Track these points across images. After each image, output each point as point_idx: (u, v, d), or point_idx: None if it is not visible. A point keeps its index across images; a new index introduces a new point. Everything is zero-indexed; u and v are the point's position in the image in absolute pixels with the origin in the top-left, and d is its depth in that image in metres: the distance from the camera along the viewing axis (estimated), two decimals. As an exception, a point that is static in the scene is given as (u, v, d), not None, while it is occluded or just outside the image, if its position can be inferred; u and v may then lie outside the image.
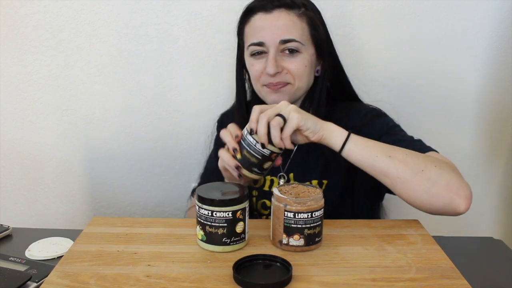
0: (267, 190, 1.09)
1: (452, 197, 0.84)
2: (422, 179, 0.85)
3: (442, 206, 0.85)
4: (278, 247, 0.80)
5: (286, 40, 0.98)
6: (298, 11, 0.99)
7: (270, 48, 0.99)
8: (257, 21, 1.00)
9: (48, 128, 1.38)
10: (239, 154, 0.86)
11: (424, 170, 0.85)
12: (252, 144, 0.85)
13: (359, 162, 0.88)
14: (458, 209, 0.84)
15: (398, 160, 0.86)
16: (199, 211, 0.79)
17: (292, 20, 0.98)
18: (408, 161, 0.86)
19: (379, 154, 0.87)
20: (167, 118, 1.37)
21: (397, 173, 0.86)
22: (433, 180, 0.85)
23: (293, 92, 1.02)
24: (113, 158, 1.40)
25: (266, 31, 0.99)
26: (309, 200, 0.78)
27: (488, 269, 0.86)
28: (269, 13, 0.99)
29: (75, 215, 1.44)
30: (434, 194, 0.85)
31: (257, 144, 0.85)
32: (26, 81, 1.34)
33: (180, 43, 1.31)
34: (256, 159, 0.86)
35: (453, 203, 0.84)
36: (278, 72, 0.99)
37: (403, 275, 0.72)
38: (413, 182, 0.85)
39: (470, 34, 1.30)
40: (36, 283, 0.77)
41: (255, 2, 1.02)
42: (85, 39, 1.31)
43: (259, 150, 0.85)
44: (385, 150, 0.87)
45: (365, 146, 0.87)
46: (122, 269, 0.74)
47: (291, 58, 0.99)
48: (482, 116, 1.37)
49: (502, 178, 1.42)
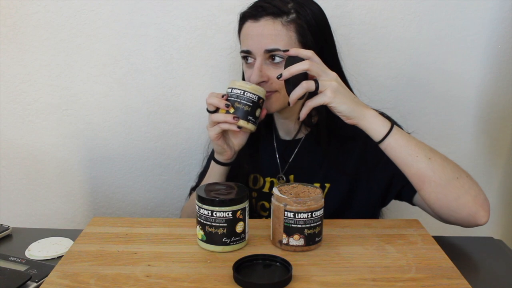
0: (266, 191, 1.09)
1: (478, 208, 0.86)
2: (456, 186, 0.86)
3: (466, 216, 0.87)
4: (278, 247, 0.80)
5: (271, 49, 0.96)
6: (286, 18, 0.96)
7: (256, 57, 0.98)
8: (246, 29, 1.00)
9: (48, 128, 1.37)
10: (232, 109, 0.91)
11: (459, 178, 0.86)
12: (240, 94, 0.91)
13: (396, 159, 0.88)
14: (480, 221, 0.87)
15: (437, 164, 0.86)
16: (199, 211, 0.79)
17: (277, 29, 0.95)
18: (445, 165, 0.87)
19: (419, 154, 0.86)
20: (167, 118, 1.37)
21: (433, 176, 0.86)
22: (465, 189, 0.86)
23: (282, 100, 0.99)
24: (113, 158, 1.40)
25: (252, 40, 0.98)
26: (309, 200, 0.78)
27: (488, 269, 0.86)
28: (256, 22, 0.97)
29: (75, 215, 1.44)
30: (463, 203, 0.86)
31: (245, 92, 0.91)
32: (26, 81, 1.34)
33: (180, 43, 1.31)
34: (248, 107, 0.91)
35: (476, 215, 0.86)
36: (264, 81, 0.97)
37: (403, 275, 0.72)
38: (446, 187, 0.86)
39: (470, 34, 1.30)
40: (36, 283, 0.77)
41: (247, 9, 1.01)
42: (85, 39, 1.31)
43: (249, 97, 0.91)
44: (426, 151, 0.87)
45: (406, 143, 0.86)
46: (122, 269, 0.74)
47: (277, 67, 0.97)
48: (482, 116, 1.37)
49: (502, 178, 1.42)
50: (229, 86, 0.93)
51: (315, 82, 0.83)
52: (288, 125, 1.08)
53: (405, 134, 0.87)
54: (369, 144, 0.99)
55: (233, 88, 0.92)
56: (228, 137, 0.98)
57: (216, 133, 0.94)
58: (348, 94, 0.86)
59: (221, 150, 0.98)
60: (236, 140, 0.98)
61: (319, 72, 0.84)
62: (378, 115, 0.87)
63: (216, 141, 0.96)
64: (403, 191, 0.99)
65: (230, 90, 0.92)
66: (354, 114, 0.85)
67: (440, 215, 0.90)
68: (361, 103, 0.87)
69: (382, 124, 0.86)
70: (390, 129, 0.86)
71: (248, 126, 0.92)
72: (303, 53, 0.85)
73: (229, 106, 0.91)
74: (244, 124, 0.91)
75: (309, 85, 0.82)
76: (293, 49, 0.87)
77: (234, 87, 0.92)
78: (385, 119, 0.87)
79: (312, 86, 0.82)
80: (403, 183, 0.96)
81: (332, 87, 0.83)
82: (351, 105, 0.85)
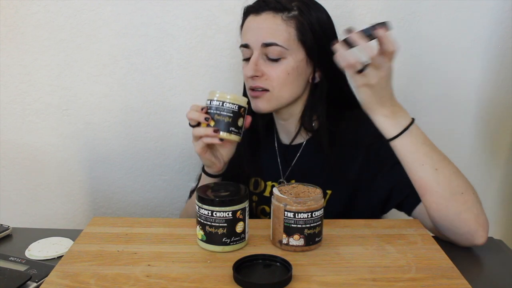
0: (267, 196, 1.08)
1: (478, 228, 0.85)
2: (459, 201, 0.85)
3: (465, 233, 0.86)
4: (278, 247, 0.80)
5: (268, 43, 0.95)
6: (287, 14, 0.95)
7: (254, 51, 0.97)
8: (247, 23, 1.00)
9: (48, 128, 1.37)
10: (212, 122, 0.89)
11: (464, 193, 0.85)
12: (220, 105, 0.88)
13: (402, 161, 0.88)
14: (478, 240, 0.86)
15: (443, 176, 0.85)
16: (199, 211, 0.79)
17: (276, 23, 0.95)
18: (452, 179, 0.85)
19: (426, 163, 0.85)
20: (167, 118, 1.37)
21: (437, 187, 0.85)
22: (468, 206, 0.85)
23: (274, 100, 0.98)
24: (113, 158, 1.40)
25: (251, 33, 0.98)
26: (309, 200, 0.78)
27: (488, 269, 0.86)
28: (258, 16, 0.97)
29: (75, 215, 1.44)
30: (464, 219, 0.85)
31: (224, 103, 0.88)
32: (26, 81, 1.34)
33: (180, 43, 1.31)
34: (229, 117, 0.88)
35: (476, 233, 0.85)
36: (257, 76, 0.96)
37: (403, 275, 0.72)
38: (449, 200, 0.85)
39: (470, 34, 1.30)
40: (36, 283, 0.77)
41: (250, 4, 1.01)
42: (85, 39, 1.31)
43: (229, 108, 0.88)
44: (434, 161, 0.86)
45: (415, 150, 0.86)
46: (122, 269, 0.74)
47: (273, 64, 0.96)
48: (482, 116, 1.37)
49: (502, 178, 1.42)
50: (208, 98, 0.90)
51: (364, 67, 0.80)
52: (288, 127, 1.07)
53: (417, 141, 0.86)
54: (371, 153, 0.99)
55: (212, 100, 0.89)
56: (216, 149, 0.97)
57: (200, 148, 0.92)
58: (379, 92, 0.83)
59: (210, 163, 0.96)
60: (224, 151, 0.97)
61: (377, 66, 0.81)
62: (394, 116, 0.86)
63: (203, 155, 0.94)
64: (403, 204, 0.98)
65: (209, 102, 0.90)
66: (369, 107, 0.86)
67: (439, 227, 0.89)
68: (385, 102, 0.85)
69: (392, 127, 0.86)
70: (400, 132, 0.85)
71: (231, 138, 0.90)
72: (391, 44, 0.79)
73: (209, 119, 0.89)
74: (227, 136, 0.89)
75: (356, 65, 0.80)
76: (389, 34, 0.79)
77: (213, 99, 0.89)
78: (399, 122, 0.86)
79: (358, 67, 0.80)
80: (403, 197, 0.96)
81: (369, 81, 0.81)
82: (371, 99, 0.84)
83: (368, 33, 0.79)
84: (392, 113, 0.86)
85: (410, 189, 0.92)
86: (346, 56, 0.80)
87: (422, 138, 0.87)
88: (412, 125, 0.87)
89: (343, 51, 0.80)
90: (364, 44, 0.78)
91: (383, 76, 0.82)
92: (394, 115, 0.86)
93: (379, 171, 0.98)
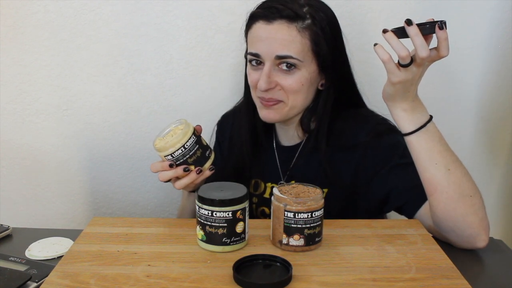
0: (267, 197, 1.08)
1: (481, 231, 0.86)
2: (467, 203, 0.85)
3: (468, 235, 0.86)
4: (278, 247, 0.80)
5: (282, 56, 0.92)
6: (301, 24, 0.92)
7: (265, 62, 0.93)
8: (257, 30, 0.95)
9: (48, 128, 1.37)
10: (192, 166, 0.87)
11: (472, 196, 0.85)
12: (183, 151, 0.86)
13: (416, 158, 0.88)
14: (479, 244, 0.86)
15: (455, 177, 0.85)
16: (199, 211, 0.79)
17: (292, 35, 0.91)
18: (464, 181, 0.85)
19: (440, 162, 0.85)
20: (167, 118, 1.37)
21: (447, 188, 0.85)
22: (474, 209, 0.85)
23: (286, 112, 0.97)
24: (113, 158, 1.40)
25: (263, 43, 0.93)
26: (309, 200, 0.78)
27: (488, 269, 0.86)
28: (269, 24, 0.92)
29: (75, 215, 1.44)
30: (469, 222, 0.85)
31: (185, 145, 0.85)
32: (26, 81, 1.34)
33: (180, 43, 1.31)
34: (198, 150, 0.87)
35: (478, 237, 0.86)
36: (271, 88, 0.94)
37: (403, 275, 0.72)
38: (457, 202, 0.85)
39: (470, 34, 1.30)
40: (36, 283, 0.77)
41: (259, 9, 0.96)
42: (85, 39, 1.31)
43: (191, 144, 0.86)
44: (448, 161, 0.85)
45: (429, 148, 0.85)
46: (122, 269, 0.74)
47: (286, 74, 0.94)
48: (482, 116, 1.37)
49: (502, 178, 1.42)
50: (164, 154, 0.87)
51: (412, 61, 0.80)
52: (289, 131, 1.07)
53: (433, 139, 0.86)
54: (367, 156, 0.98)
55: (171, 152, 0.86)
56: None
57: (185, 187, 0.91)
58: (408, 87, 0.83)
59: (190, 188, 0.95)
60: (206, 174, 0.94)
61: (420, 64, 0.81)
62: (412, 111, 0.85)
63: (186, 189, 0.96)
64: (402, 209, 0.97)
65: (170, 156, 0.86)
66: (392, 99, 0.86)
67: (442, 228, 0.89)
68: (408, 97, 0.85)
69: (410, 122, 0.86)
70: (417, 129, 0.85)
71: (212, 160, 0.89)
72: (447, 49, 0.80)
73: (188, 168, 0.87)
74: (208, 163, 0.89)
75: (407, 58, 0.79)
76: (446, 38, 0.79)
77: (172, 150, 0.86)
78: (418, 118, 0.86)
79: (408, 60, 0.79)
80: (402, 203, 0.96)
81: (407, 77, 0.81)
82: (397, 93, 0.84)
83: (427, 31, 0.77)
84: (412, 108, 0.86)
85: (409, 195, 0.92)
86: (399, 46, 0.78)
87: (438, 137, 0.87)
88: (429, 122, 0.86)
89: (396, 40, 0.79)
90: (420, 42, 0.77)
91: (421, 74, 0.83)
92: (413, 110, 0.86)
93: (376, 172, 0.98)
